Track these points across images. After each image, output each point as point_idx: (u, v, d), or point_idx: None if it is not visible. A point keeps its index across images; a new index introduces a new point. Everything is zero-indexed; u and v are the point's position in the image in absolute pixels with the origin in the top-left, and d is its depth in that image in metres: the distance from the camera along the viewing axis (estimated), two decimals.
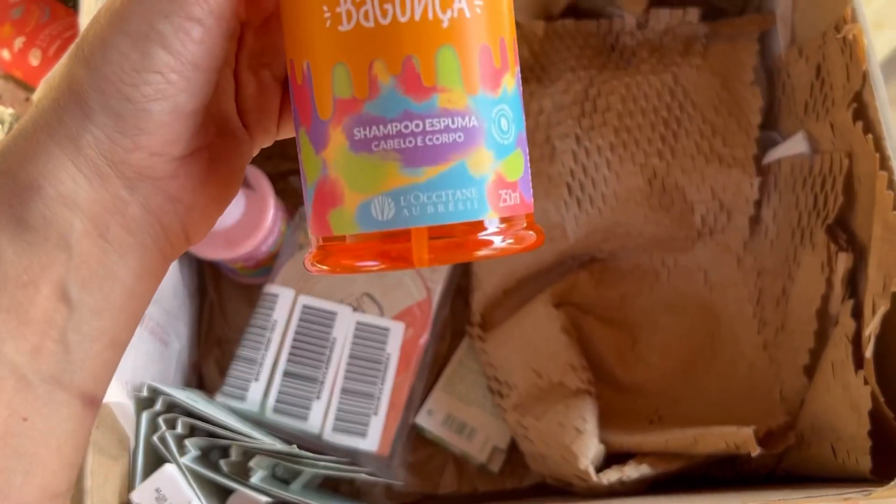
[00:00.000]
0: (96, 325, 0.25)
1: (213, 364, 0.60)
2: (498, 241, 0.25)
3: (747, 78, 0.56)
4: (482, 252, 0.25)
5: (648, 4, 0.57)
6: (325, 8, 0.24)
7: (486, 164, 0.25)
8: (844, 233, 0.48)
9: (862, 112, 0.45)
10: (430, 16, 0.24)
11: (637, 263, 0.58)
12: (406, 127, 0.24)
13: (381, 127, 0.24)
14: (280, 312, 0.55)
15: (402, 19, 0.24)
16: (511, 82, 0.26)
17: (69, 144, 0.24)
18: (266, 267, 0.59)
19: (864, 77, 0.45)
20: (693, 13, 0.57)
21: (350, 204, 0.25)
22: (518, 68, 0.27)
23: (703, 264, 0.57)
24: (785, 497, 0.42)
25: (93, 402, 0.26)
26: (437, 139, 0.24)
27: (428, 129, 0.24)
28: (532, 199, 0.27)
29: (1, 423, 0.23)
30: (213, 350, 0.60)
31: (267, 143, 0.31)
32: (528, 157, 0.27)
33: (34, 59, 0.62)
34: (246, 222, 0.54)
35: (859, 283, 0.46)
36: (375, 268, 0.25)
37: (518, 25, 0.58)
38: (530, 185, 0.27)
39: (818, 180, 0.49)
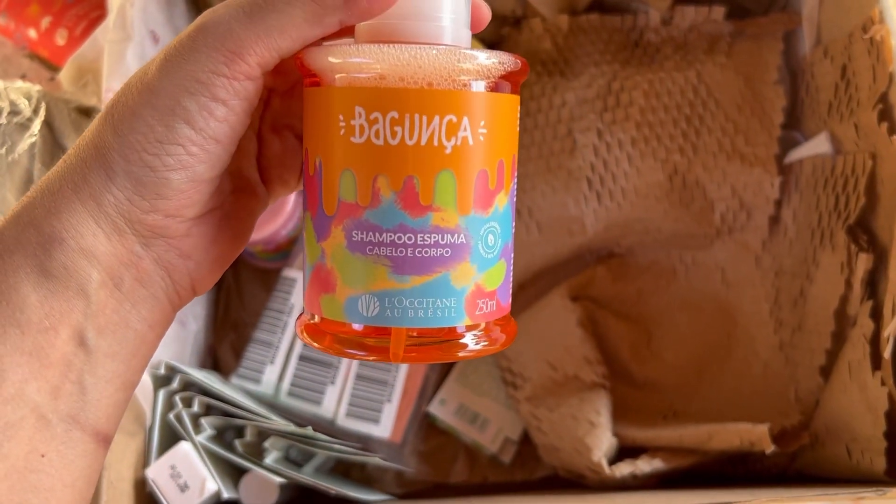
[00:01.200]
0: (110, 369, 0.26)
1: (229, 347, 0.60)
2: (472, 345, 0.27)
3: (771, 77, 0.56)
4: (457, 354, 0.27)
5: (673, 1, 0.57)
6: (340, 117, 0.26)
7: (468, 277, 0.27)
8: (865, 234, 0.48)
9: (887, 113, 0.45)
10: (436, 142, 0.25)
11: (655, 259, 0.58)
12: (399, 238, 0.26)
13: (377, 234, 0.26)
14: (298, 297, 0.55)
15: (409, 142, 0.25)
16: (503, 200, 0.27)
17: (91, 202, 0.25)
18: (285, 251, 0.59)
19: (891, 78, 0.45)
20: (718, 11, 0.57)
21: (340, 295, 0.27)
22: (514, 182, 0.28)
23: (720, 262, 0.57)
24: (797, 494, 0.42)
25: (105, 440, 0.27)
26: (426, 252, 0.26)
27: (419, 242, 0.26)
28: (509, 301, 0.29)
29: (21, 458, 0.24)
30: (228, 333, 0.61)
31: (285, 195, 0.33)
32: (511, 264, 0.29)
33: (60, 39, 0.62)
34: None
35: (879, 284, 0.46)
36: (360, 356, 0.27)
37: (542, 19, 0.58)
38: (510, 288, 0.29)
39: (840, 181, 0.49)
